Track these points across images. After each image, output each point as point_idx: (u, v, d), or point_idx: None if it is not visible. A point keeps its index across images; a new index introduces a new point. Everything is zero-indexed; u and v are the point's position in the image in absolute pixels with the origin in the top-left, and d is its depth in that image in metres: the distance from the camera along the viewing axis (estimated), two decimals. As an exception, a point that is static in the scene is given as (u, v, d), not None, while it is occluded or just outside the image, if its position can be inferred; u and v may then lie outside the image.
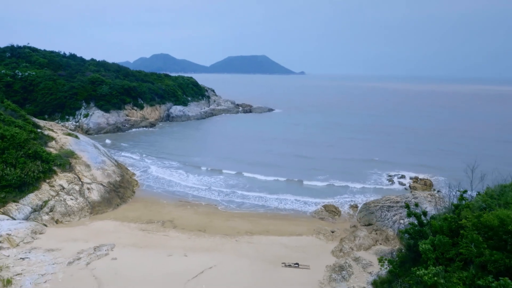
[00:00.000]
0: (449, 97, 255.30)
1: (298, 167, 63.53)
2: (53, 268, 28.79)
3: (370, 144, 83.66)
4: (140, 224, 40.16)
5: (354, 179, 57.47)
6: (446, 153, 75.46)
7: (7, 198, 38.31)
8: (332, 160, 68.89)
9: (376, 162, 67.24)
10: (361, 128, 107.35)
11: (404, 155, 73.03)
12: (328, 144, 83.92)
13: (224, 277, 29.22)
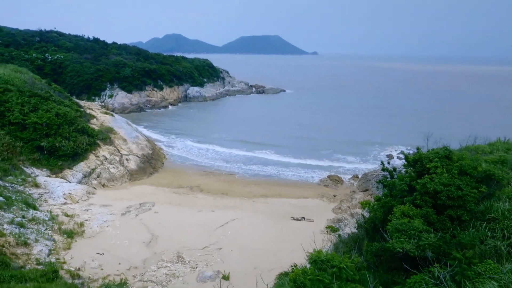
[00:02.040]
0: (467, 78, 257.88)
1: (307, 146, 70.49)
2: (111, 217, 36.66)
3: (374, 124, 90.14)
4: (172, 189, 47.85)
5: (358, 155, 64.47)
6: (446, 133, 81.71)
7: (64, 165, 46.21)
8: (339, 139, 75.70)
9: (379, 141, 73.96)
10: (367, 109, 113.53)
11: (405, 135, 79.49)
12: (335, 124, 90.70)
13: (244, 226, 36.78)
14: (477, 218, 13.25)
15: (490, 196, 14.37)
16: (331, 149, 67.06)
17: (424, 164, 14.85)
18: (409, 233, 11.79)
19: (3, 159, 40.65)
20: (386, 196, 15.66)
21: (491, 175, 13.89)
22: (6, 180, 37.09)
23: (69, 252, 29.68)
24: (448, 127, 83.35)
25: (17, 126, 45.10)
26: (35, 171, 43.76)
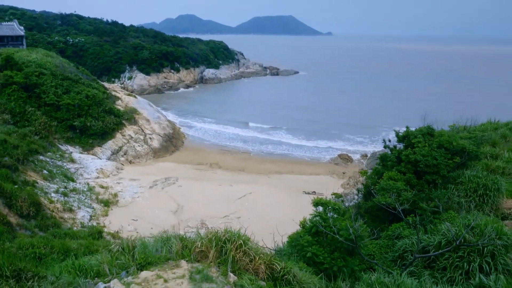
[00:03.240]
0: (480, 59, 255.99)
1: (319, 127, 73.64)
2: (140, 189, 40.81)
3: (385, 106, 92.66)
4: (193, 165, 51.81)
5: (368, 136, 67.56)
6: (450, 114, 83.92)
7: (94, 143, 50.42)
8: (350, 120, 78.59)
9: (389, 122, 76.69)
10: (379, 91, 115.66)
11: (414, 116, 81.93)
12: (347, 106, 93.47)
13: (260, 198, 40.61)
14: (449, 182, 16.73)
15: (463, 165, 17.79)
16: (343, 130, 70.25)
17: (410, 139, 18.26)
18: (392, 191, 15.34)
19: (41, 137, 44.81)
20: (379, 166, 19.19)
21: (464, 148, 17.25)
22: (46, 156, 41.32)
23: (107, 218, 33.94)
24: (454, 108, 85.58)
25: (52, 107, 49.27)
26: (69, 148, 48.03)
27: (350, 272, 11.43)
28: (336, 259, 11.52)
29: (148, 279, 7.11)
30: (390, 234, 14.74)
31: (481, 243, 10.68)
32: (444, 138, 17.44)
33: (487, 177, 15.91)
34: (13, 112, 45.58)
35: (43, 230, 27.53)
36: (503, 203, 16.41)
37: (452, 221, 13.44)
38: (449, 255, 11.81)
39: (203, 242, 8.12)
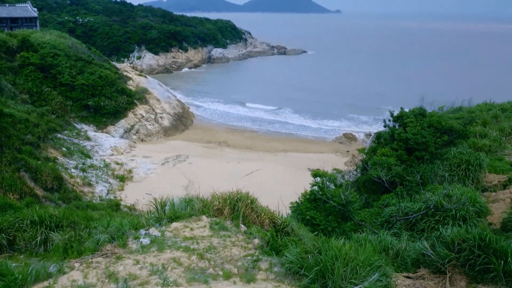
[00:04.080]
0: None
1: (325, 106, 75.15)
2: (153, 166, 43.04)
3: (391, 86, 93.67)
4: (202, 143, 53.90)
5: (372, 115, 69.04)
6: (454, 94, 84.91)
7: (107, 122, 52.56)
8: (356, 100, 79.96)
9: (394, 102, 77.91)
10: (387, 70, 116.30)
11: (418, 96, 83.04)
12: (354, 85, 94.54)
13: (266, 175, 42.69)
14: (436, 158, 18.58)
15: (451, 143, 19.60)
16: (348, 110, 71.77)
17: (404, 119, 20.04)
18: (383, 166, 17.23)
19: (57, 116, 46.97)
20: (375, 143, 21.06)
21: (452, 128, 19.02)
22: (63, 134, 43.54)
23: (123, 192, 36.25)
24: (456, 88, 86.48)
25: (67, 87, 51.31)
26: (84, 127, 50.21)
27: (342, 232, 13.45)
28: (331, 221, 13.53)
29: (178, 228, 9.15)
30: (381, 203, 16.70)
31: (452, 207, 12.59)
32: (434, 118, 19.20)
33: (470, 154, 17.71)
34: (31, 92, 47.71)
35: (66, 202, 29.88)
36: (485, 177, 18.25)
37: (434, 192, 15.35)
38: (427, 219, 13.76)
39: (219, 201, 10.15)
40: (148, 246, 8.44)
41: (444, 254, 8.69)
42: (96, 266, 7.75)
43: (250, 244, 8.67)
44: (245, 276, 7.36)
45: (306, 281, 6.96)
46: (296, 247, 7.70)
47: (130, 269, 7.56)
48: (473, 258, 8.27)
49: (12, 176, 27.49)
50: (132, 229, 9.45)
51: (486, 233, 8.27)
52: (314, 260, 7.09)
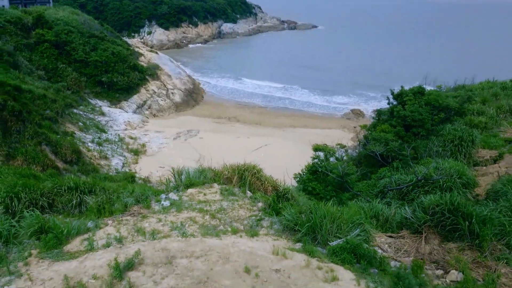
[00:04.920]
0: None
1: (333, 82, 75.83)
2: (165, 140, 44.69)
3: (402, 61, 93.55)
4: (213, 119, 55.33)
5: (380, 91, 69.57)
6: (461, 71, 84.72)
7: (120, 98, 54.09)
8: (365, 76, 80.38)
9: (403, 77, 78.17)
10: (399, 45, 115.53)
11: (429, 72, 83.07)
12: (363, 61, 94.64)
13: (275, 149, 44.13)
14: (432, 134, 19.81)
15: (447, 120, 20.78)
16: (357, 86, 72.41)
17: (403, 97, 21.19)
18: (381, 141, 18.53)
19: (72, 92, 48.57)
20: (376, 120, 22.31)
21: (448, 106, 20.16)
22: (79, 109, 45.20)
23: (137, 165, 38.03)
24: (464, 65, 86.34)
25: (81, 64, 52.72)
26: (98, 102, 51.82)
27: (339, 200, 14.90)
28: (329, 191, 14.98)
29: (193, 193, 10.67)
30: (377, 175, 18.10)
31: (437, 178, 13.94)
32: (432, 96, 20.33)
33: (464, 131, 18.94)
34: (47, 68, 49.22)
35: (85, 174, 31.66)
36: (477, 152, 19.51)
37: (426, 165, 16.67)
38: (418, 190, 15.15)
39: (229, 171, 11.64)
40: (168, 207, 9.98)
41: (421, 217, 10.13)
42: (126, 223, 9.33)
43: (254, 207, 10.17)
44: (249, 231, 8.87)
45: (299, 235, 8.45)
46: (292, 209, 9.17)
47: (154, 226, 9.12)
48: (444, 220, 9.70)
49: (34, 149, 29.27)
50: (154, 195, 11.00)
51: (455, 199, 9.65)
52: (306, 218, 8.55)
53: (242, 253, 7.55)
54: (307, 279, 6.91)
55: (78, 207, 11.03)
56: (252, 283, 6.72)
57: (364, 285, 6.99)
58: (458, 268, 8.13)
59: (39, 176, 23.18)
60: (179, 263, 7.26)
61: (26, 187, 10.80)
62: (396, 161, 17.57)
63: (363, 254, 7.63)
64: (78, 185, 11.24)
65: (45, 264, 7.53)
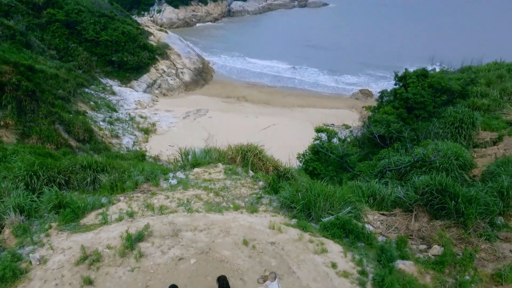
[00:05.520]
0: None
1: (342, 62, 75.32)
2: (174, 120, 45.48)
3: (414, 41, 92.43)
4: (221, 98, 55.87)
5: (389, 71, 69.29)
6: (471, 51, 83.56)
7: (130, 77, 54.77)
8: (375, 55, 79.70)
9: (414, 57, 77.52)
10: (412, 24, 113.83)
11: (441, 51, 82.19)
12: (374, 40, 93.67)
13: (283, 129, 44.74)
14: (434, 116, 20.25)
15: (450, 102, 21.17)
16: (366, 66, 72.09)
17: (407, 79, 21.58)
18: (383, 123, 19.05)
19: (83, 71, 49.32)
20: (379, 101, 22.76)
21: (450, 88, 20.53)
22: (90, 89, 46.03)
23: (148, 144, 38.97)
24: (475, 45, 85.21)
25: (91, 43, 53.31)
26: (109, 82, 52.59)
27: (339, 180, 15.58)
28: (330, 171, 15.65)
29: (199, 172, 11.42)
30: (379, 156, 18.67)
31: (433, 159, 14.51)
32: (435, 79, 20.67)
33: (464, 113, 19.35)
34: (58, 48, 49.94)
35: (97, 153, 32.66)
36: (478, 134, 19.96)
37: (425, 147, 17.20)
38: (415, 171, 15.73)
39: (233, 152, 12.35)
40: (176, 185, 10.76)
41: (412, 197, 10.78)
42: (136, 199, 10.13)
43: (255, 185, 10.91)
44: (250, 208, 9.62)
45: (295, 212, 9.17)
46: (290, 188, 9.87)
47: (162, 202, 9.92)
48: (433, 199, 10.35)
49: (48, 128, 30.25)
50: (162, 173, 11.78)
51: (444, 181, 10.28)
52: (302, 196, 9.26)
53: (241, 227, 8.30)
54: (299, 251, 7.65)
55: (92, 184, 11.86)
56: (249, 253, 7.48)
57: (351, 257, 7.72)
58: (441, 244, 8.80)
59: (54, 154, 24.17)
60: (184, 235, 8.04)
61: (44, 165, 11.63)
62: (398, 142, 18.12)
63: (351, 230, 8.34)
64: (91, 164, 12.04)
65: (64, 235, 8.37)
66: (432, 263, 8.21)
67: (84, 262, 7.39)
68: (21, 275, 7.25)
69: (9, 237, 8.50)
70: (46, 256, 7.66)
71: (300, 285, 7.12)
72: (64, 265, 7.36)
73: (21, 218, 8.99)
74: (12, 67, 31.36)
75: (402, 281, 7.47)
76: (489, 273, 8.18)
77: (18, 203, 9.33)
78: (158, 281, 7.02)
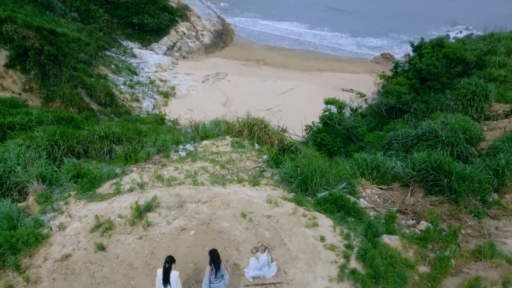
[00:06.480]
0: None
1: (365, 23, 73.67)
2: (194, 83, 46.01)
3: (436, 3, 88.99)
4: (241, 61, 55.84)
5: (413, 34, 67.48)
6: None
7: (151, 39, 55.07)
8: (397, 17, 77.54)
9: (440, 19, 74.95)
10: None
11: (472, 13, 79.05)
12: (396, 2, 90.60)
13: (301, 93, 44.79)
14: (447, 88, 20.22)
15: (465, 73, 21.04)
16: (390, 29, 70.29)
17: (422, 49, 21.42)
18: (394, 94, 19.18)
19: (104, 34, 49.83)
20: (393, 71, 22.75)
21: (465, 59, 20.35)
22: (111, 51, 46.68)
23: (167, 108, 39.77)
24: None
25: (112, 5, 53.50)
26: (130, 44, 53.08)
27: (346, 152, 16.05)
28: (338, 142, 16.10)
29: (207, 145, 12.09)
30: (389, 127, 18.95)
31: (439, 133, 14.78)
32: (450, 49, 20.47)
33: (478, 85, 19.27)
34: (79, 10, 50.40)
35: (118, 116, 33.71)
36: (490, 106, 19.93)
37: (435, 119, 17.40)
38: (421, 144, 16.05)
39: (240, 125, 12.92)
40: (185, 157, 11.48)
41: (408, 173, 11.24)
42: (148, 170, 10.91)
43: (260, 159, 11.55)
44: (252, 181, 10.29)
45: (293, 186, 9.79)
46: (291, 163, 10.45)
47: (171, 173, 10.67)
48: (428, 176, 10.80)
49: (71, 92, 31.21)
50: (173, 145, 12.48)
51: (439, 158, 10.67)
52: (300, 172, 9.84)
53: (241, 200, 9.00)
54: (292, 224, 8.32)
55: (109, 154, 12.69)
56: (246, 225, 8.20)
57: (339, 231, 8.37)
58: (429, 220, 9.34)
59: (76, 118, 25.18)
60: (189, 207, 8.80)
61: (64, 135, 12.47)
62: (407, 114, 18.31)
63: (343, 205, 8.93)
64: (107, 135, 12.83)
65: (81, 204, 9.24)
66: (416, 238, 8.78)
67: (98, 230, 8.26)
68: (42, 240, 8.19)
69: (32, 204, 9.43)
70: (65, 223, 8.56)
71: (290, 256, 7.83)
72: (80, 232, 8.25)
73: (43, 186, 9.89)
74: (35, 32, 32.07)
75: (385, 254, 8.09)
76: (471, 249, 8.72)
77: (41, 172, 10.22)
78: (162, 249, 7.84)
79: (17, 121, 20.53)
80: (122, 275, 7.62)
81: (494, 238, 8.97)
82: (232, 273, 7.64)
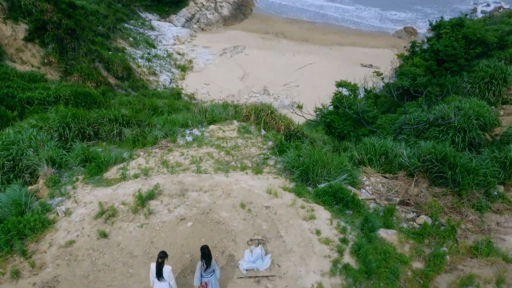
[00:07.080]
0: None
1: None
2: (211, 57, 45.84)
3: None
4: (259, 34, 55.15)
5: (437, 6, 65.23)
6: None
7: (169, 11, 54.71)
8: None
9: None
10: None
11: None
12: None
13: (320, 68, 44.22)
14: (465, 70, 19.69)
15: (484, 54, 20.42)
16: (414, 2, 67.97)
17: (440, 29, 20.80)
18: (409, 76, 18.82)
19: (123, 5, 49.70)
20: (410, 52, 22.21)
21: (485, 40, 19.71)
22: (130, 24, 46.67)
23: (184, 82, 39.91)
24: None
25: (131, -25, 53.17)
26: (148, 16, 52.89)
27: (356, 136, 15.97)
28: (348, 126, 16.02)
29: (214, 129, 12.21)
30: (402, 110, 18.69)
31: (450, 121, 14.55)
32: (470, 30, 19.81)
33: (497, 67, 18.69)
34: (98, -20, 50.25)
35: (135, 90, 34.06)
36: (510, 89, 19.40)
37: (449, 103, 17.08)
38: (433, 129, 15.83)
39: (247, 110, 12.96)
40: (191, 142, 11.65)
41: (413, 163, 11.19)
42: (154, 155, 11.14)
43: (265, 145, 11.63)
44: (255, 169, 10.42)
45: (295, 175, 9.88)
46: (294, 151, 10.50)
47: (177, 159, 10.87)
48: (432, 167, 10.73)
49: (88, 66, 31.59)
50: (181, 128, 12.65)
51: (444, 150, 10.56)
52: (302, 162, 9.90)
53: (241, 190, 9.16)
54: (290, 216, 8.47)
55: (118, 136, 12.95)
56: (244, 216, 8.38)
57: (336, 224, 8.47)
58: (429, 213, 9.34)
59: (93, 93, 25.56)
60: (190, 195, 9.01)
61: (76, 117, 12.75)
62: (421, 97, 17.98)
63: (342, 198, 8.99)
64: (117, 118, 13.06)
65: (88, 189, 9.56)
66: (413, 233, 8.81)
67: (101, 217, 8.58)
68: (49, 225, 8.55)
69: (42, 187, 9.80)
70: (71, 209, 8.90)
71: (285, 249, 8.01)
72: (85, 218, 8.59)
73: (53, 170, 10.23)
74: (53, 5, 32.26)
75: (379, 249, 8.18)
76: (469, 245, 8.72)
77: (51, 156, 10.54)
78: (160, 238, 8.11)
79: (35, 96, 21.08)
80: (122, 263, 7.96)
81: (494, 234, 8.93)
82: (227, 264, 7.89)
